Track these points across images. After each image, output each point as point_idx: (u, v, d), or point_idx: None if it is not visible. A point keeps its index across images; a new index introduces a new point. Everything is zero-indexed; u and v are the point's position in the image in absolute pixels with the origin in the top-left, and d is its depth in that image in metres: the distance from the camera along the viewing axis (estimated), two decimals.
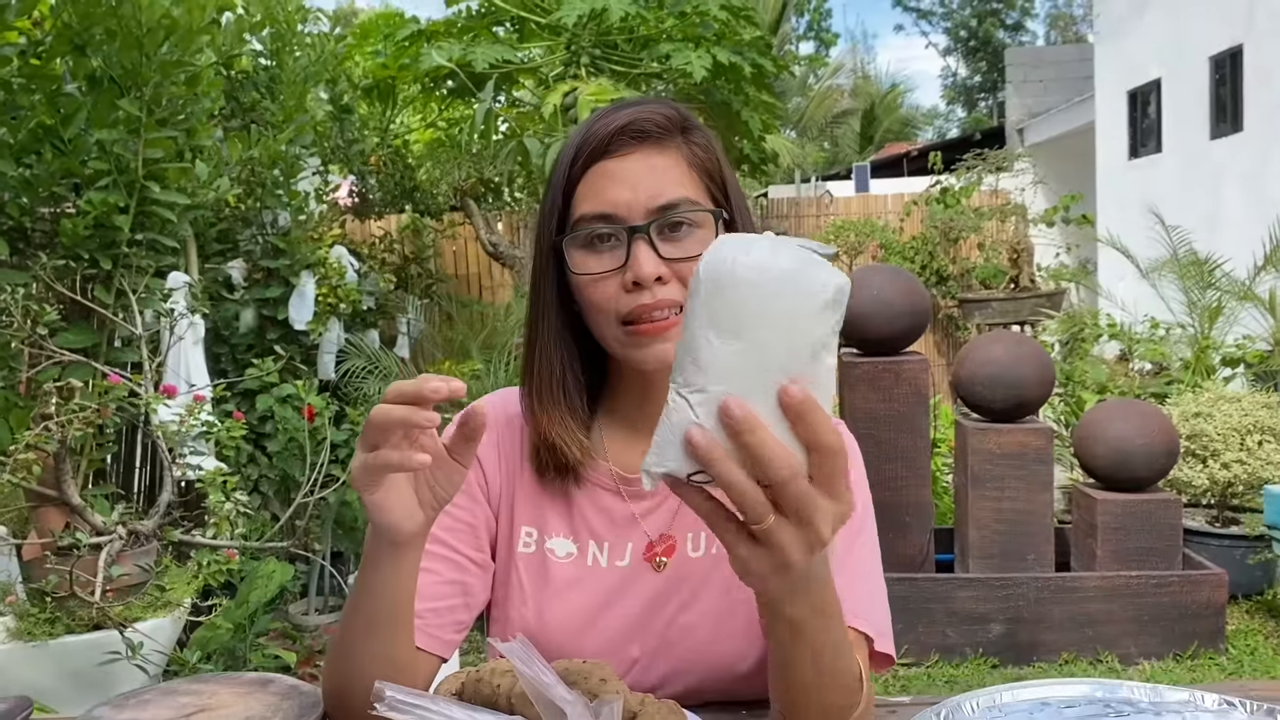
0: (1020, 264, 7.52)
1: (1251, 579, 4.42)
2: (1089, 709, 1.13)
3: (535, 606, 1.17)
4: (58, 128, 3.52)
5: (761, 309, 0.68)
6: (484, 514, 1.19)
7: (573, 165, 1.11)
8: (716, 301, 0.68)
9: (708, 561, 1.18)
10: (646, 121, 1.10)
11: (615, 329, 1.09)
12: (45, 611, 2.83)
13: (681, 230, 1.08)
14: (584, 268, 1.10)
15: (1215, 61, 9.58)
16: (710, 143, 1.15)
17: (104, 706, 1.08)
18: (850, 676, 0.93)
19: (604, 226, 1.08)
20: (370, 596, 0.98)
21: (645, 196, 1.07)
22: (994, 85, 28.78)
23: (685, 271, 1.07)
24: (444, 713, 0.82)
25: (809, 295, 0.68)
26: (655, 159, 1.10)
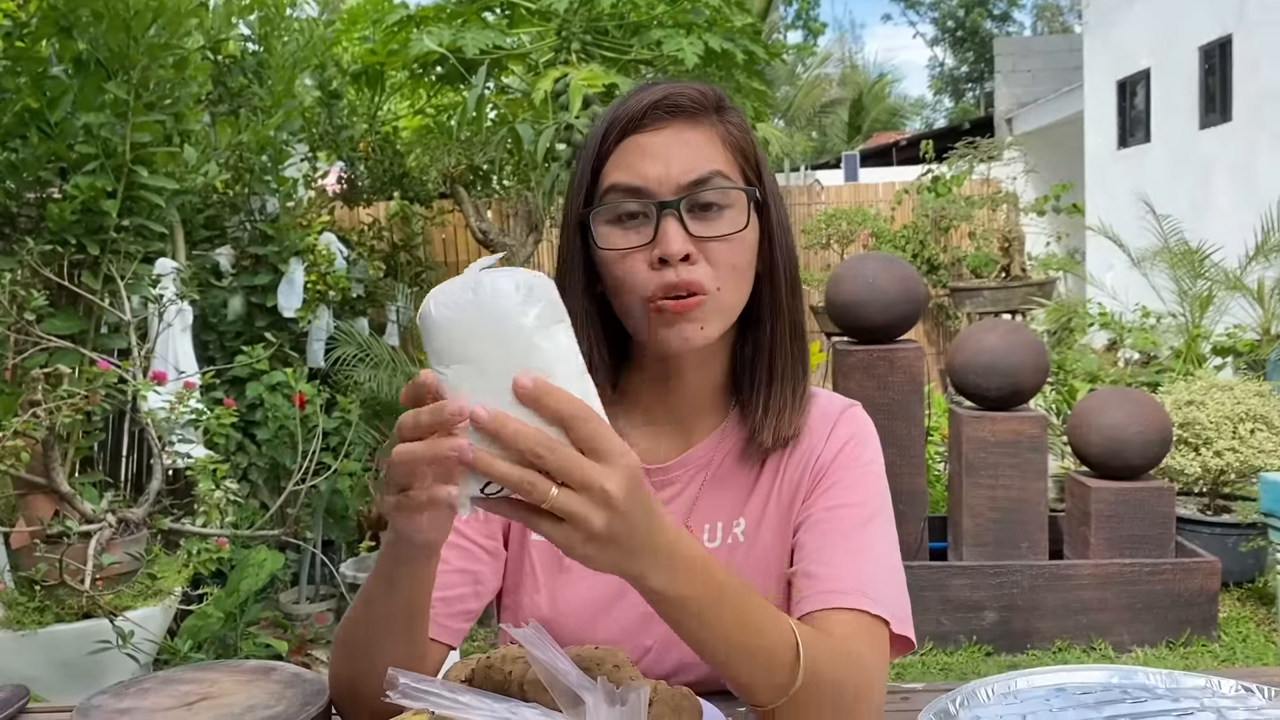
0: (1011, 253, 7.53)
1: (1243, 566, 4.43)
2: (1105, 695, 1.12)
3: (548, 594, 1.15)
4: (44, 111, 3.47)
5: (466, 331, 0.76)
6: None
7: (604, 138, 1.08)
8: (432, 342, 0.78)
9: (723, 551, 1.16)
10: (681, 97, 1.07)
11: (640, 308, 1.06)
12: (34, 600, 2.80)
13: (712, 210, 1.05)
14: (610, 243, 1.06)
15: (1205, 51, 9.60)
16: (744, 122, 1.11)
17: (103, 695, 1.05)
18: (775, 655, 0.90)
19: (633, 201, 1.05)
20: (393, 598, 0.96)
21: (677, 171, 1.04)
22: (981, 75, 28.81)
23: (713, 252, 1.04)
24: (457, 699, 0.80)
25: (496, 302, 0.76)
26: (688, 134, 1.07)
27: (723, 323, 1.08)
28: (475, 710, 0.79)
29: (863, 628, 1.04)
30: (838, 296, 4.07)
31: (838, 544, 1.10)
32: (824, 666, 0.94)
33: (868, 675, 1.00)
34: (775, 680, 0.91)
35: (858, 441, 1.17)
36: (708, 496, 1.17)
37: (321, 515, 4.40)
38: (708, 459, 1.17)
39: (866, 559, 1.09)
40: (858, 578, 1.07)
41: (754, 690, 0.93)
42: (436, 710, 0.79)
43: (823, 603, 1.05)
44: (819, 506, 1.13)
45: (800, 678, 0.91)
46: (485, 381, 0.76)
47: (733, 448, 1.17)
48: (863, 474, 1.15)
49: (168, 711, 1.01)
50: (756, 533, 1.16)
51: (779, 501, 1.16)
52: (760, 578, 1.15)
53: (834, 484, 1.14)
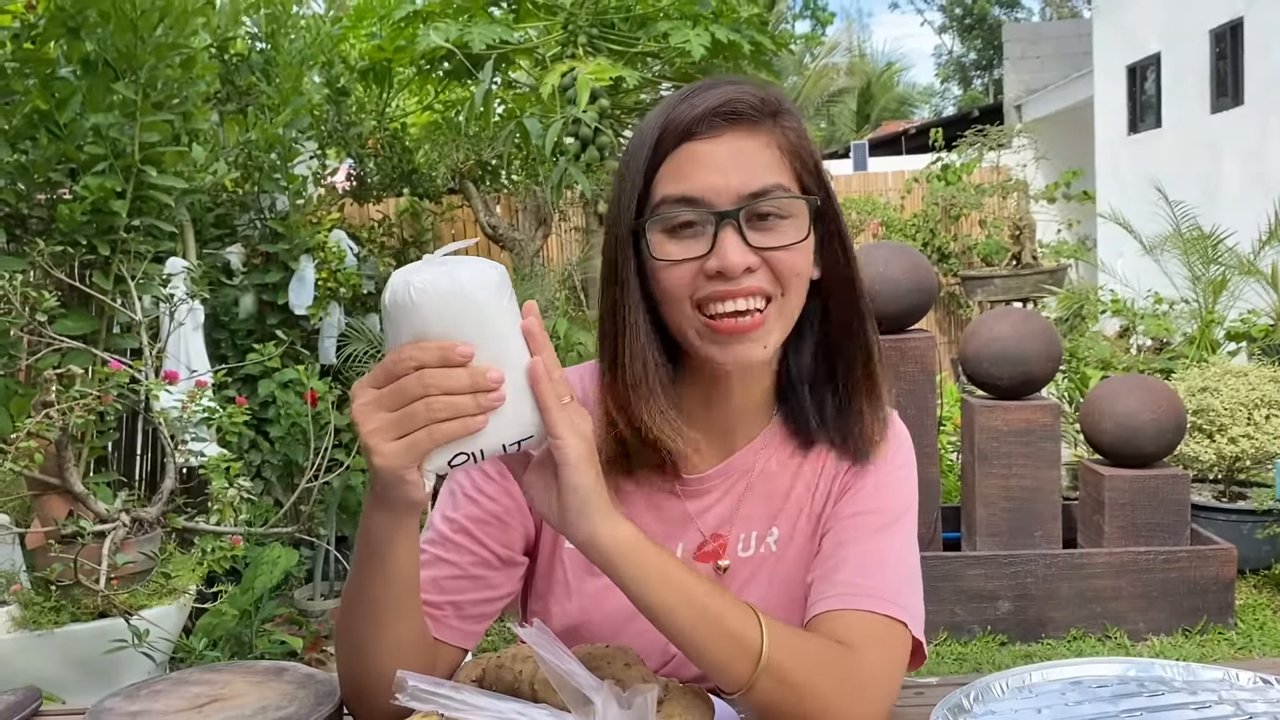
0: (1022, 240, 7.49)
1: (1259, 553, 4.41)
2: (1122, 688, 1.12)
3: (579, 603, 1.14)
4: (53, 112, 3.47)
5: (452, 315, 0.84)
6: (518, 508, 1.13)
7: (657, 146, 1.04)
8: (411, 324, 0.84)
9: (755, 560, 1.16)
10: (739, 103, 1.03)
11: (693, 317, 1.03)
12: (50, 600, 2.81)
13: (770, 219, 1.03)
14: (665, 253, 1.03)
15: (1215, 35, 9.52)
16: (802, 126, 1.08)
17: (115, 697, 1.05)
18: (738, 640, 0.94)
19: (690, 212, 1.02)
20: (385, 584, 0.96)
21: (736, 182, 1.01)
22: (989, 63, 28.66)
23: (775, 262, 1.02)
24: (466, 701, 0.80)
25: (476, 289, 0.85)
26: (746, 142, 1.03)
27: (781, 334, 1.07)
28: (484, 711, 0.79)
29: (879, 629, 1.04)
30: None
31: (855, 549, 1.09)
32: (794, 666, 0.95)
33: (861, 677, 1.00)
34: (733, 670, 0.94)
35: (891, 449, 1.16)
36: (747, 505, 1.16)
37: (335, 511, 4.41)
38: (748, 467, 1.16)
39: (882, 562, 1.09)
40: (873, 581, 1.07)
41: (714, 677, 0.96)
42: (445, 712, 0.79)
43: (838, 604, 1.05)
44: (843, 514, 1.13)
45: (759, 674, 0.93)
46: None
47: (774, 456, 1.16)
48: (889, 480, 1.14)
49: (179, 713, 1.01)
50: (789, 542, 1.16)
51: (811, 510, 1.15)
52: (791, 588, 1.14)
53: (859, 490, 1.13)
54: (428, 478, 0.87)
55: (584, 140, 4.82)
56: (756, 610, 0.97)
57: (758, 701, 0.96)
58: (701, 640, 0.94)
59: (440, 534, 1.12)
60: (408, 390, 0.83)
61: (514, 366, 0.86)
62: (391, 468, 0.84)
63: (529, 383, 0.87)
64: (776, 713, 0.97)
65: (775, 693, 0.95)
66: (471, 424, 0.84)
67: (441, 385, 0.82)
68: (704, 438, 1.16)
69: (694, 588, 0.94)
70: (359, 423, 0.85)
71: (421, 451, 0.84)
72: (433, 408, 0.82)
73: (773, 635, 0.95)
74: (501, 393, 0.84)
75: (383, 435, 0.83)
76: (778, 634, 0.96)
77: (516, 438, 0.88)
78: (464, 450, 0.86)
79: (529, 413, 0.87)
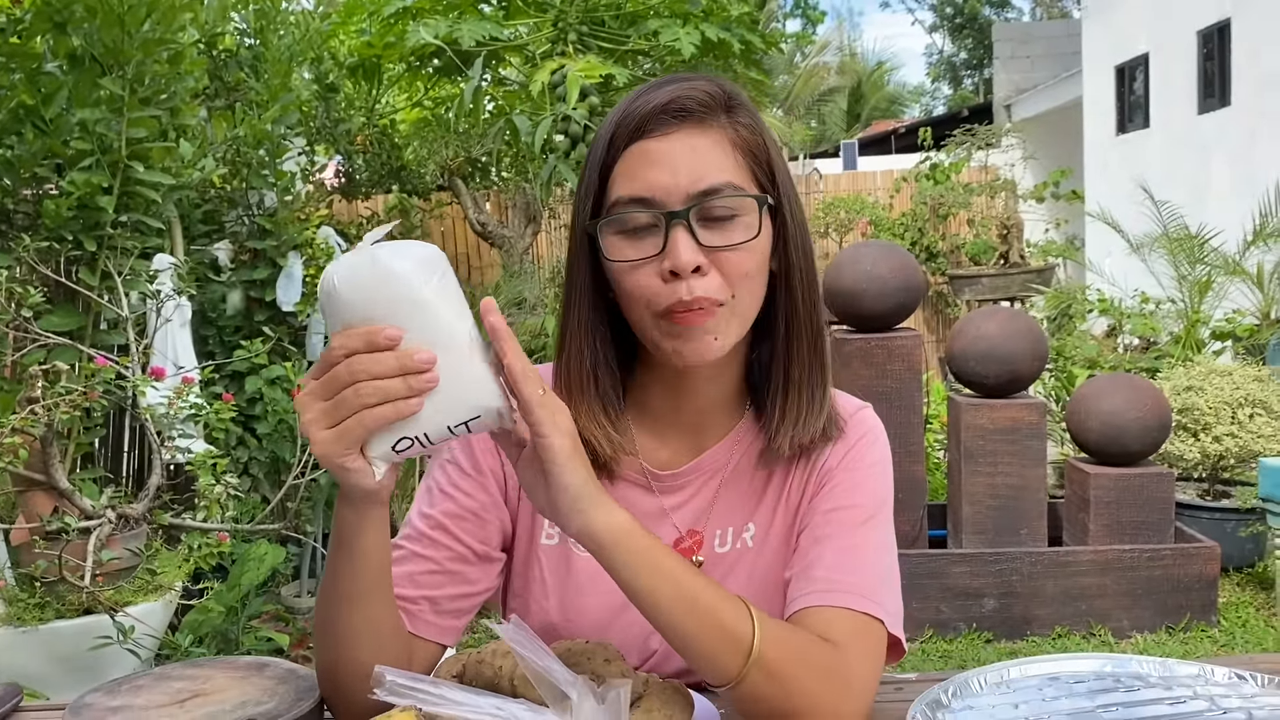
0: (1010, 240, 7.52)
1: (1242, 551, 4.43)
2: (1099, 684, 1.12)
3: (558, 600, 1.15)
4: (39, 107, 3.46)
5: (381, 302, 0.84)
6: (494, 504, 1.14)
7: (610, 145, 1.05)
8: (340, 314, 0.85)
9: (732, 556, 1.16)
10: (688, 99, 1.03)
11: (651, 320, 1.04)
12: (35, 597, 2.81)
13: (722, 217, 1.02)
14: (619, 254, 1.04)
15: (1203, 36, 9.57)
16: (756, 122, 1.07)
17: (96, 692, 1.05)
18: (730, 633, 0.94)
19: (641, 211, 1.02)
20: (353, 572, 0.96)
21: (686, 180, 1.01)
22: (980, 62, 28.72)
23: (725, 262, 1.02)
24: (444, 695, 0.81)
25: (394, 275, 0.84)
26: (697, 139, 1.03)
27: (737, 331, 1.06)
28: (462, 706, 0.80)
29: (858, 626, 1.04)
30: (836, 285, 4.06)
31: (832, 545, 1.09)
32: (783, 661, 0.95)
33: (846, 674, 1.00)
34: (722, 664, 0.94)
35: (866, 444, 1.16)
36: (722, 501, 1.16)
37: (322, 509, 4.40)
38: (721, 463, 1.16)
39: (859, 559, 1.09)
40: (851, 577, 1.07)
41: (703, 670, 0.95)
42: (424, 707, 0.79)
43: (817, 600, 1.05)
44: (819, 510, 1.13)
45: (749, 668, 0.93)
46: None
47: (746, 452, 1.16)
48: (865, 476, 1.14)
49: (160, 709, 1.01)
50: (765, 538, 1.16)
51: (788, 506, 1.16)
52: (768, 583, 1.15)
53: (835, 486, 1.13)
54: (376, 466, 0.86)
55: (574, 138, 4.82)
56: (748, 604, 0.97)
57: (746, 695, 0.96)
58: (692, 631, 0.93)
59: (417, 530, 1.13)
60: (338, 378, 0.83)
61: (450, 348, 0.85)
62: (328, 455, 0.85)
63: (510, 382, 0.87)
64: (763, 707, 0.97)
65: (764, 687, 0.95)
66: (404, 407, 0.83)
67: (369, 370, 0.83)
68: (674, 435, 1.16)
69: (686, 578, 0.94)
70: (299, 412, 0.86)
71: (355, 438, 0.84)
72: (361, 393, 0.83)
73: (764, 629, 0.95)
74: (434, 374, 0.83)
75: (318, 425, 0.84)
76: (769, 628, 0.96)
77: (462, 419, 0.86)
78: (406, 435, 0.85)
79: (474, 394, 0.86)
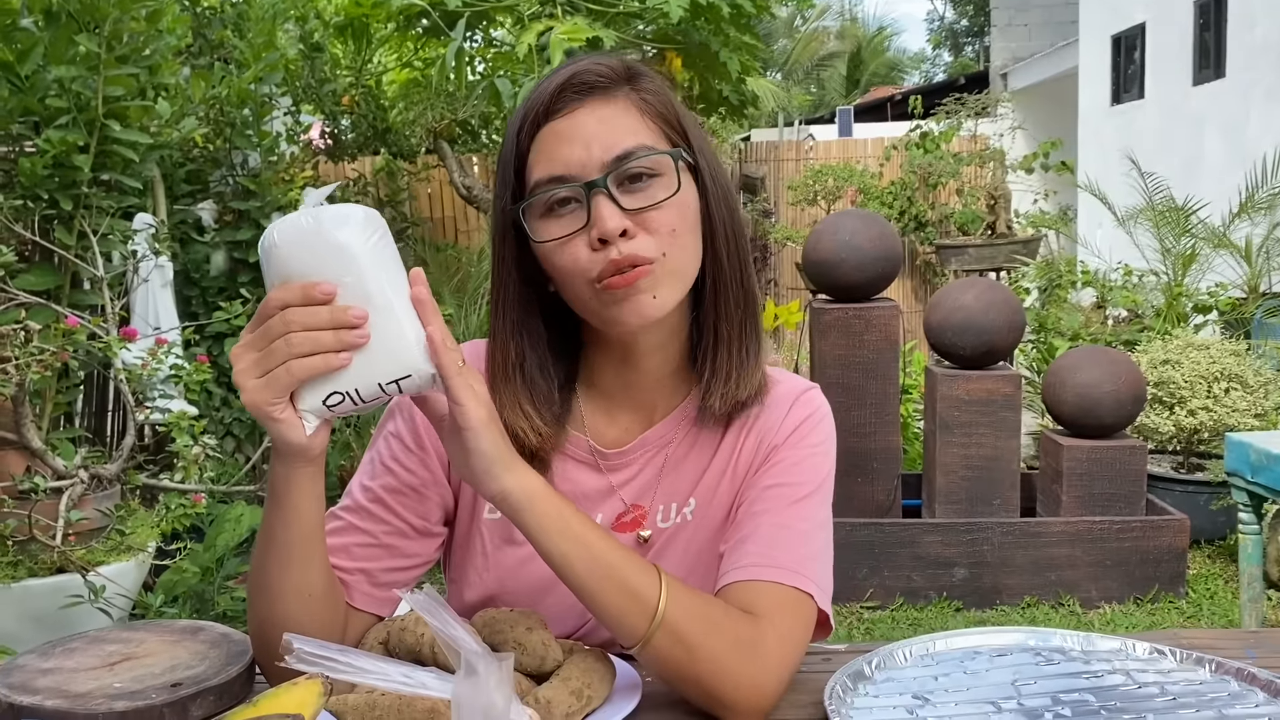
0: (997, 210, 7.50)
1: (1214, 524, 4.47)
2: (1020, 657, 1.14)
3: (496, 574, 1.16)
4: (14, 64, 3.44)
5: (316, 258, 0.87)
6: (435, 480, 1.15)
7: (520, 132, 1.07)
8: (279, 268, 0.88)
9: (672, 529, 1.18)
10: (588, 74, 1.05)
11: (589, 292, 1.05)
12: (6, 555, 2.83)
13: (642, 180, 1.04)
14: (546, 234, 1.05)
15: (1200, 6, 9.51)
16: (661, 87, 1.09)
17: (30, 654, 1.07)
18: (634, 595, 0.97)
19: (560, 188, 1.03)
20: (285, 528, 0.98)
21: (599, 150, 1.03)
22: (980, 29, 28.49)
23: (651, 222, 1.03)
24: (352, 664, 0.81)
25: (336, 231, 0.87)
26: (603, 110, 1.05)
27: (675, 289, 1.07)
28: (370, 674, 0.81)
29: (785, 599, 1.06)
30: (815, 254, 4.06)
31: (767, 520, 1.11)
32: (690, 627, 0.98)
33: (759, 644, 1.01)
34: (629, 625, 0.98)
35: (810, 425, 1.17)
36: (667, 476, 1.18)
37: None
38: (667, 438, 1.17)
39: (793, 534, 1.10)
40: (783, 553, 1.08)
41: (612, 630, 0.99)
42: (331, 674, 0.81)
43: (746, 575, 1.07)
44: (758, 485, 1.14)
45: (654, 630, 0.97)
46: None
47: (691, 426, 1.17)
48: (807, 454, 1.16)
49: (89, 671, 1.02)
50: (705, 512, 1.17)
51: (731, 482, 1.17)
52: (704, 556, 1.16)
53: (776, 463, 1.15)
54: (307, 420, 0.90)
55: None
56: (660, 570, 1.00)
57: (653, 658, 0.99)
58: (598, 591, 0.97)
59: (356, 502, 1.14)
60: (272, 329, 0.87)
61: (384, 307, 0.88)
62: (255, 403, 0.88)
63: (427, 350, 0.90)
64: (671, 671, 1.00)
65: (670, 651, 0.98)
66: (333, 360, 0.87)
67: (301, 322, 0.86)
68: (623, 413, 1.18)
69: (593, 541, 0.97)
70: (233, 362, 0.89)
71: (282, 386, 0.87)
72: (292, 343, 0.86)
73: (671, 594, 0.98)
74: (365, 330, 0.87)
75: (248, 374, 0.88)
76: (677, 594, 0.99)
77: (393, 376, 0.89)
78: (337, 389, 0.88)
79: (406, 354, 0.89)
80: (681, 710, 1.04)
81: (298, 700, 0.79)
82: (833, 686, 1.04)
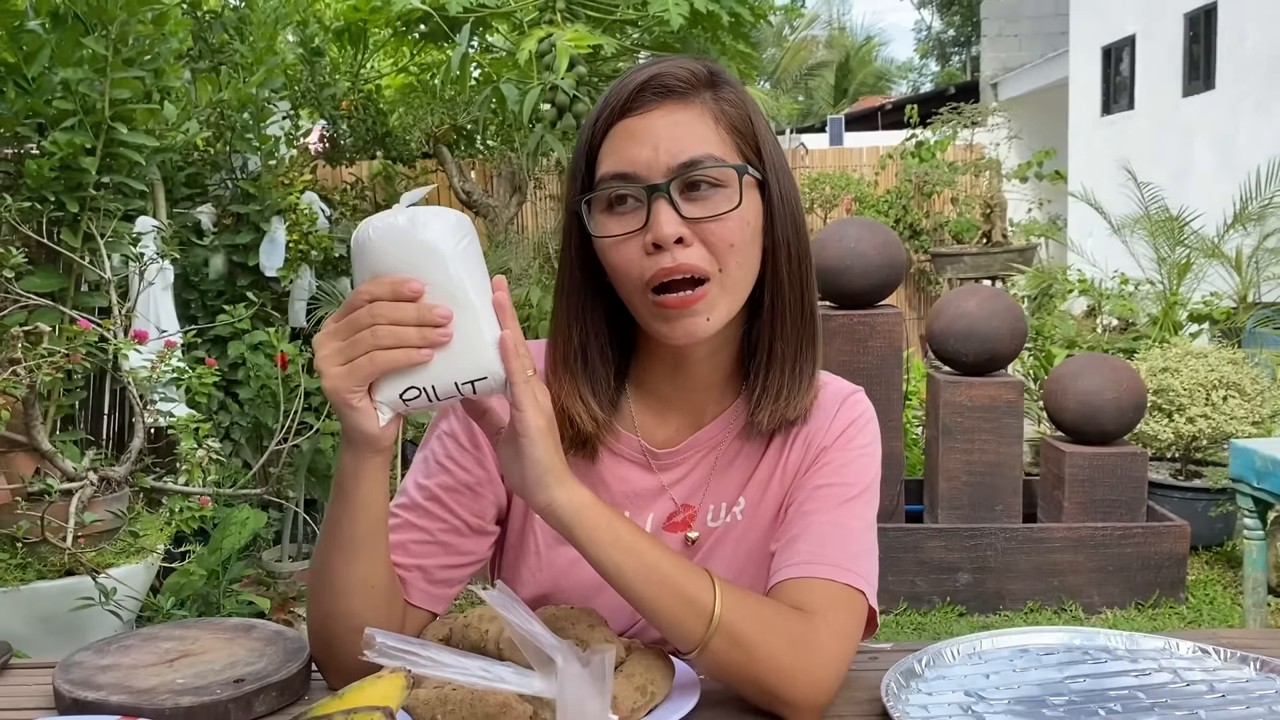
0: (993, 219, 7.55)
1: (1212, 531, 4.51)
2: (1067, 655, 1.16)
3: (550, 573, 1.17)
4: (20, 65, 3.43)
5: (408, 257, 0.90)
6: (490, 479, 1.16)
7: (595, 125, 1.08)
8: (365, 261, 0.91)
9: (722, 529, 1.19)
10: (669, 77, 1.05)
11: (641, 296, 1.06)
12: (16, 557, 2.81)
13: (705, 189, 1.04)
14: (604, 230, 1.06)
15: (1190, 18, 9.58)
16: (741, 98, 1.08)
17: (85, 651, 1.07)
18: (690, 601, 0.98)
19: (623, 186, 1.04)
20: (352, 522, 1.00)
21: (666, 154, 1.03)
22: (967, 39, 28.66)
23: (708, 233, 1.03)
24: (434, 658, 0.83)
25: (428, 234, 0.90)
26: (678, 114, 1.05)
27: (728, 308, 1.07)
28: (451, 669, 0.82)
29: (837, 596, 1.07)
30: (819, 261, 4.08)
31: (818, 519, 1.12)
32: (747, 627, 0.99)
33: (814, 641, 1.02)
34: (686, 630, 0.98)
35: (857, 427, 1.19)
36: (717, 477, 1.19)
37: (304, 474, 4.41)
38: (717, 440, 1.18)
39: (844, 532, 1.11)
40: (834, 550, 1.09)
41: (670, 636, 1.00)
42: (413, 669, 0.81)
43: (798, 572, 1.08)
44: (808, 486, 1.15)
45: (711, 634, 0.97)
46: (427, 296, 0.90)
47: (742, 429, 1.18)
48: (855, 456, 1.17)
49: (149, 668, 1.03)
50: (755, 512, 1.18)
51: (781, 483, 1.18)
52: (754, 556, 1.17)
53: (825, 464, 1.16)
54: (381, 411, 0.92)
55: (560, 107, 4.80)
56: (711, 574, 1.01)
57: (711, 661, 1.00)
58: (653, 599, 0.98)
59: (412, 499, 1.15)
60: (359, 320, 0.90)
61: (468, 308, 0.90)
62: (336, 389, 0.90)
63: (499, 354, 0.91)
64: (730, 673, 1.01)
65: (729, 653, 0.99)
66: (415, 355, 0.89)
67: (388, 316, 0.89)
68: (673, 413, 1.19)
69: (645, 550, 0.98)
70: (315, 349, 0.91)
71: (364, 375, 0.90)
72: (378, 335, 0.89)
73: (726, 597, 0.99)
74: (449, 330, 0.89)
75: (331, 360, 0.90)
76: (731, 596, 1.00)
77: (469, 377, 0.91)
78: (415, 384, 0.91)
79: (484, 356, 0.91)
80: (738, 707, 1.04)
81: (382, 693, 0.79)
82: (887, 683, 1.05)
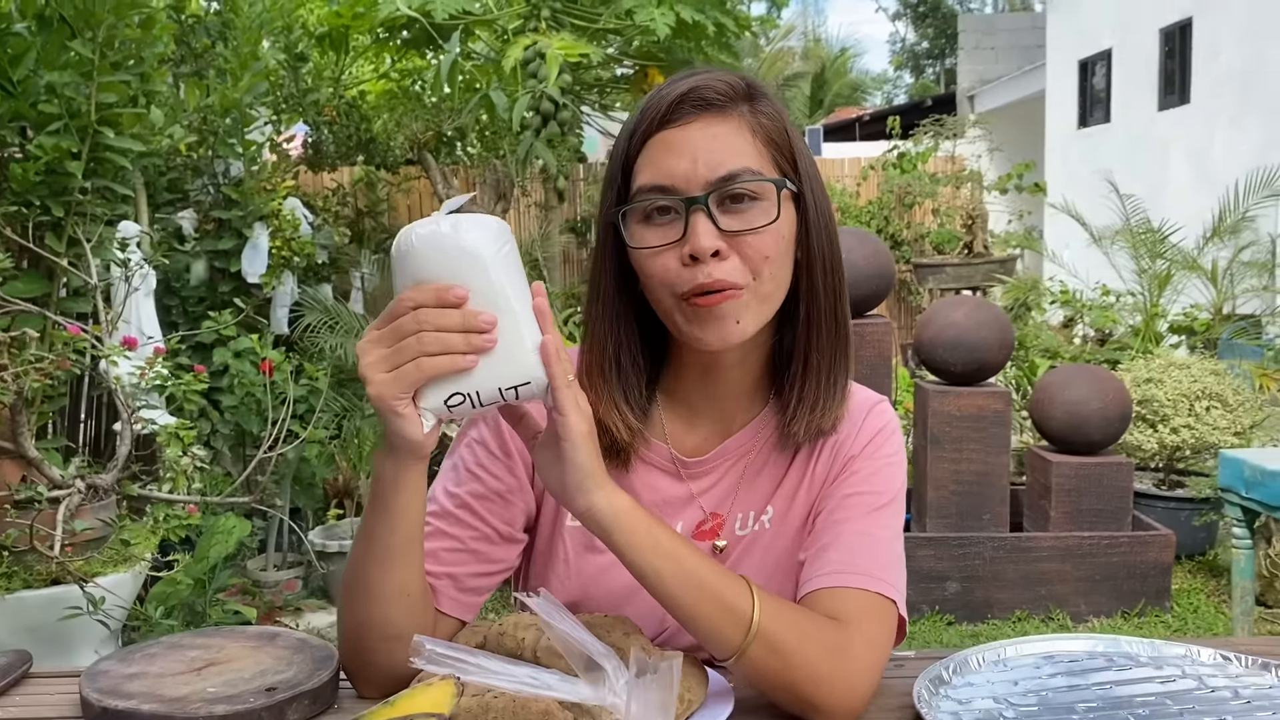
0: (975, 230, 7.61)
1: (1195, 540, 4.55)
2: (1092, 663, 1.16)
3: (579, 581, 1.17)
4: (6, 68, 3.39)
5: (451, 264, 0.90)
6: (520, 486, 1.15)
7: (632, 136, 1.08)
8: (408, 268, 0.91)
9: (750, 538, 1.18)
10: (708, 89, 1.05)
11: (674, 305, 1.06)
12: (3, 566, 2.77)
13: (743, 202, 1.04)
14: (641, 241, 1.06)
15: (1165, 33, 9.72)
16: (779, 112, 1.09)
17: (109, 660, 1.05)
18: (729, 608, 0.98)
19: (661, 198, 1.04)
20: (390, 530, 1.00)
21: (705, 167, 1.03)
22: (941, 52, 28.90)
23: (745, 246, 1.04)
24: (481, 665, 0.82)
25: (473, 241, 0.90)
26: (716, 127, 1.05)
27: (760, 316, 1.08)
28: (499, 675, 0.81)
29: (869, 604, 1.07)
30: None
31: (848, 528, 1.12)
32: (784, 635, 0.99)
33: (848, 648, 1.02)
34: (724, 637, 0.98)
35: (884, 436, 1.19)
36: (745, 485, 1.19)
37: (289, 483, 4.38)
38: (746, 448, 1.18)
39: (874, 541, 1.12)
40: (864, 559, 1.10)
41: (707, 643, 1.00)
42: (461, 675, 0.81)
43: (830, 581, 1.08)
44: (837, 495, 1.15)
45: (750, 641, 0.97)
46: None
47: (770, 437, 1.18)
48: (883, 465, 1.17)
49: (177, 676, 1.01)
50: (783, 521, 1.18)
51: (809, 492, 1.18)
52: (782, 564, 1.17)
53: (854, 473, 1.16)
54: (425, 418, 0.92)
55: (545, 115, 4.80)
56: (749, 581, 1.01)
57: (749, 669, 1.00)
58: (691, 605, 0.98)
59: (442, 507, 1.14)
60: (403, 327, 0.90)
61: (511, 315, 0.91)
62: (382, 395, 0.90)
63: (541, 359, 0.91)
64: (767, 680, 1.00)
65: (766, 661, 0.99)
66: (461, 361, 0.89)
67: (434, 323, 0.89)
68: (702, 422, 1.19)
69: (684, 556, 0.98)
70: (359, 356, 0.91)
71: (411, 382, 0.90)
72: (423, 341, 0.89)
73: (764, 605, 0.99)
74: (493, 335, 0.90)
75: (377, 367, 0.90)
76: (769, 604, 1.00)
77: (513, 383, 0.92)
78: (459, 390, 0.91)
79: (527, 362, 0.92)
80: (771, 714, 1.04)
81: (433, 700, 0.78)
82: (919, 690, 1.05)
